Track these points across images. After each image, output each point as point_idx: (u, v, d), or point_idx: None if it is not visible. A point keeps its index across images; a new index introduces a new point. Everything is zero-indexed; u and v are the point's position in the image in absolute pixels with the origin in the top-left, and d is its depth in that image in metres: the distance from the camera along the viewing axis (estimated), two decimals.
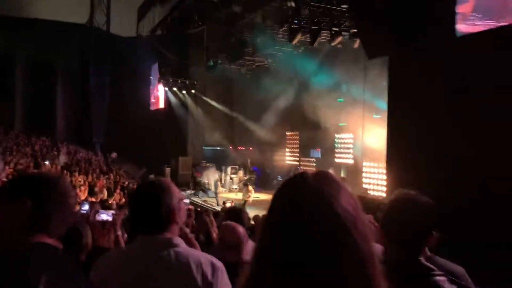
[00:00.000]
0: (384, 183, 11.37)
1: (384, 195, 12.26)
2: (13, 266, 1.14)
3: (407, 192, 1.54)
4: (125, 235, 3.19)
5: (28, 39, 23.70)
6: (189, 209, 8.64)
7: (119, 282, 1.36)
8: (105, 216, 3.17)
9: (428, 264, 1.34)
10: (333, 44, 13.08)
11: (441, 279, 1.27)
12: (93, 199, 12.11)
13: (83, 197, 12.65)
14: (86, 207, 4.56)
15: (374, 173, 15.19)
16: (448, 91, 6.76)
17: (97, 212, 3.17)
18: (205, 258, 1.58)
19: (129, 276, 1.52)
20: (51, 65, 25.80)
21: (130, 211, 1.77)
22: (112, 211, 3.25)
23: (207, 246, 3.26)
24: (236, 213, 3.24)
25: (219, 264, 1.60)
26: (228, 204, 12.30)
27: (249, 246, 2.51)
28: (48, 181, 1.34)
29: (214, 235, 3.56)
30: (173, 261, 1.54)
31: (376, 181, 15.01)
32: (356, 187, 14.15)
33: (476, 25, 6.63)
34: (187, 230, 2.33)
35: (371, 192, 14.47)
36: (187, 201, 9.75)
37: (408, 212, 1.39)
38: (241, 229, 2.47)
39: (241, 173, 19.48)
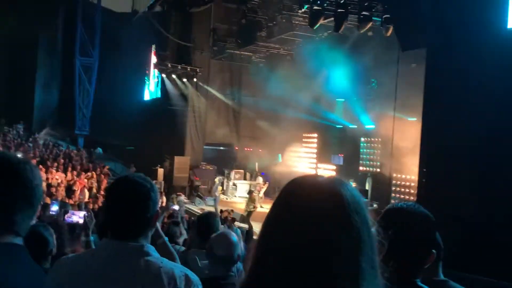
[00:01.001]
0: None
1: None
2: None
3: (401, 204, 1.55)
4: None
5: (7, 9, 23.80)
6: (181, 217, 8.70)
7: None
8: (76, 218, 3.19)
9: (424, 286, 1.36)
10: (361, 31, 13.03)
11: None
12: (71, 201, 12.23)
13: (59, 198, 12.74)
14: (55, 207, 4.59)
15: (405, 186, 15.06)
16: (494, 89, 6.69)
17: (66, 212, 3.19)
18: (180, 271, 1.59)
19: (86, 285, 1.51)
20: (32, 43, 25.87)
21: (109, 211, 1.69)
22: (84, 213, 3.27)
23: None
24: (207, 221, 3.18)
25: (194, 278, 1.60)
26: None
27: None
28: (12, 167, 1.27)
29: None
30: (142, 271, 1.53)
31: (408, 196, 14.88)
32: (383, 201, 14.04)
33: None
34: (165, 238, 2.34)
35: None
36: (176, 207, 9.77)
37: (402, 228, 1.40)
38: (233, 242, 2.49)
39: (260, 179, 19.34)
